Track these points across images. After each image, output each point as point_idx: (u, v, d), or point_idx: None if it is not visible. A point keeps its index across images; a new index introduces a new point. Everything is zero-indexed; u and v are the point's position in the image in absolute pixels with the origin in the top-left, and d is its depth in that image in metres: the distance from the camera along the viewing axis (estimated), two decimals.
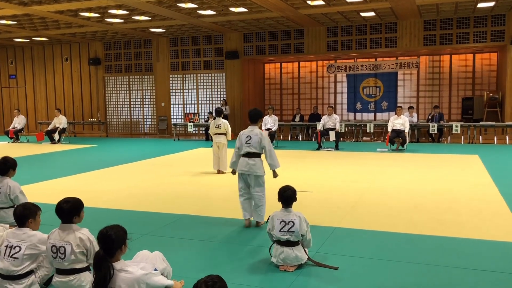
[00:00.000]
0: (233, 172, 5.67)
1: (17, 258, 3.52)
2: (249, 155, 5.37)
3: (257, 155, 5.40)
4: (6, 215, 5.14)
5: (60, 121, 16.10)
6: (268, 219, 4.28)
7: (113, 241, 2.99)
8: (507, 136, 14.01)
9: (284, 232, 4.06)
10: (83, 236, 3.51)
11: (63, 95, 20.69)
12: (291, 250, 4.04)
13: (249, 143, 5.38)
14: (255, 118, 5.49)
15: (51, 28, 16.18)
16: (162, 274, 3.36)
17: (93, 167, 10.19)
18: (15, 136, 16.64)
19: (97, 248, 3.12)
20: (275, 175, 5.51)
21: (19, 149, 14.26)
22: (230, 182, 8.23)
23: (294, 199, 4.24)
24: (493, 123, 14.29)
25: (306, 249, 4.18)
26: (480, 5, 13.14)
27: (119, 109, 20.14)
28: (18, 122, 16.98)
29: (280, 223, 4.09)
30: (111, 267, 2.97)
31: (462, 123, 14.31)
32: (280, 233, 4.08)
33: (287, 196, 4.20)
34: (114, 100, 20.15)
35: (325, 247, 4.64)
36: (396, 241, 4.82)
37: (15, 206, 4.93)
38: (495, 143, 14.00)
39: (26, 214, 3.69)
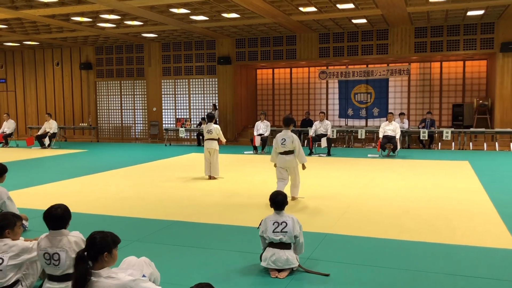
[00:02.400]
0: (275, 165, 7.10)
1: (0, 270, 3.46)
2: (285, 153, 6.90)
3: (291, 152, 6.88)
4: None
5: (51, 126, 15.98)
6: (260, 223, 4.28)
7: (95, 244, 2.95)
8: (496, 143, 14.13)
9: (277, 232, 4.11)
10: (77, 239, 3.47)
11: (54, 99, 20.56)
12: (282, 252, 4.06)
13: (284, 144, 6.86)
14: (288, 123, 6.95)
15: (42, 32, 16.09)
16: (149, 280, 3.33)
17: (84, 172, 10.12)
18: (5, 140, 16.48)
19: None
20: (303, 167, 7.11)
21: (9, 153, 14.12)
22: (221, 188, 8.21)
23: (286, 203, 4.32)
24: (483, 129, 14.42)
25: (297, 256, 4.20)
26: (469, 13, 13.29)
27: (110, 114, 20.04)
28: (8, 126, 16.83)
29: (273, 224, 4.15)
30: (89, 269, 2.91)
31: (452, 129, 14.42)
32: (273, 234, 4.11)
33: (279, 201, 4.27)
34: (105, 105, 20.06)
35: (317, 253, 4.63)
36: (388, 247, 4.82)
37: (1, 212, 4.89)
38: (485, 149, 14.12)
39: (3, 225, 3.60)
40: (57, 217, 3.47)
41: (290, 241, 4.12)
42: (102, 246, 2.96)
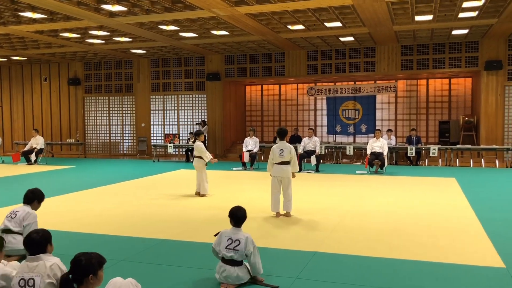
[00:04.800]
0: (271, 174, 7.32)
1: None
2: (282, 163, 7.17)
3: (288, 163, 7.16)
4: (15, 241, 5.01)
5: (37, 142, 15.83)
6: (216, 234, 4.42)
7: (80, 266, 2.92)
8: (482, 160, 14.30)
9: (229, 249, 4.23)
10: (54, 266, 3.37)
11: (41, 115, 20.41)
12: (233, 269, 4.18)
13: (282, 155, 7.15)
14: (283, 135, 7.40)
15: (30, 47, 16.04)
16: None
17: (71, 189, 10.01)
18: None
19: None
20: (293, 175, 7.31)
21: None
22: (209, 205, 8.17)
23: (244, 219, 4.46)
24: (469, 146, 14.59)
25: (249, 269, 4.28)
26: (454, 32, 13.56)
27: (98, 129, 19.93)
28: None
29: (228, 240, 4.28)
30: None
31: (439, 146, 14.57)
32: (225, 250, 4.24)
33: (239, 216, 4.41)
34: (93, 120, 19.96)
35: (305, 272, 4.62)
36: (376, 266, 4.82)
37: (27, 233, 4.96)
38: (471, 166, 14.27)
39: None
40: (36, 242, 3.40)
41: (241, 258, 4.23)
42: (87, 268, 2.93)
